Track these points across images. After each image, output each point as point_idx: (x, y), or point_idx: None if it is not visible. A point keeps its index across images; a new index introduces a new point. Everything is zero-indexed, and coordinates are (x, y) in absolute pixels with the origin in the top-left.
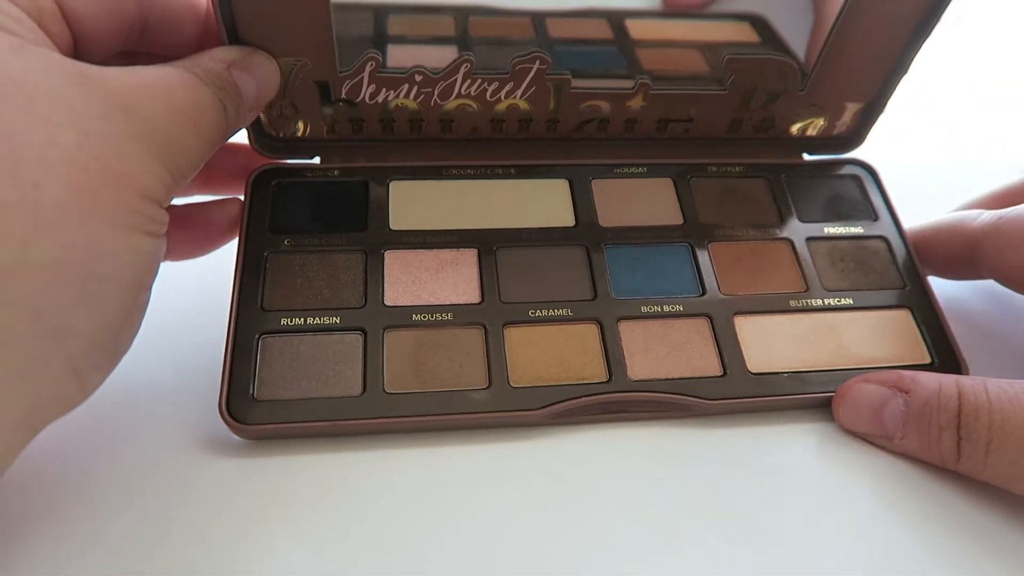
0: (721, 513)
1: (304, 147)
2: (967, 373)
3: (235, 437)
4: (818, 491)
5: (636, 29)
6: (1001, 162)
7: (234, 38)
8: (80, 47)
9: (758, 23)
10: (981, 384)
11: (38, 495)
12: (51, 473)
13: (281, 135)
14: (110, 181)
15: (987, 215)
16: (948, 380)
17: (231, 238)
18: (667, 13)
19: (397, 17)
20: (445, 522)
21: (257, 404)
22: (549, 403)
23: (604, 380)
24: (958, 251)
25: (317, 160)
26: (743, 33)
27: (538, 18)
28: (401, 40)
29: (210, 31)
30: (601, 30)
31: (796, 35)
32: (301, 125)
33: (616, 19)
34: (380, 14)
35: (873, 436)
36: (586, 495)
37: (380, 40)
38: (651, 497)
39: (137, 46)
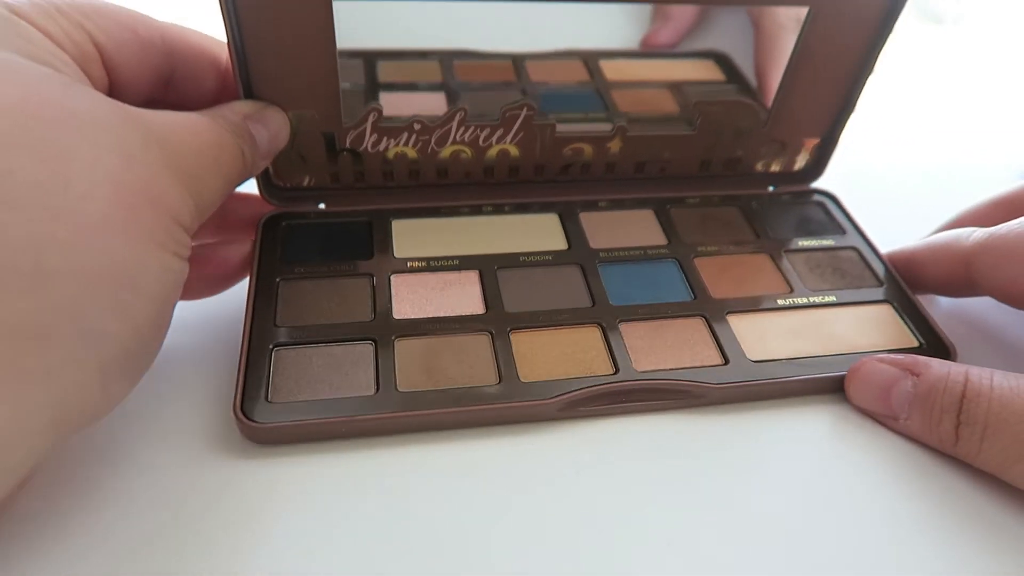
0: (730, 497)
1: (309, 195)
2: (955, 355)
3: (248, 442)
4: (825, 474)
5: (610, 70)
6: (998, 164)
7: (249, 93)
8: (114, 92)
9: (722, 60)
10: (988, 373)
11: (46, 495)
12: (61, 477)
13: (288, 185)
14: (147, 201)
15: (978, 233)
16: (959, 367)
17: (243, 277)
18: (637, 53)
19: (386, 64)
20: (460, 518)
21: (271, 406)
22: (560, 394)
23: (611, 373)
24: (953, 271)
25: (322, 206)
26: (708, 71)
27: (518, 61)
28: (391, 87)
29: (228, 86)
30: (578, 72)
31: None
32: (307, 178)
33: (591, 60)
34: (370, 61)
35: (879, 414)
36: (599, 487)
37: (372, 87)
38: (664, 484)
39: (162, 95)
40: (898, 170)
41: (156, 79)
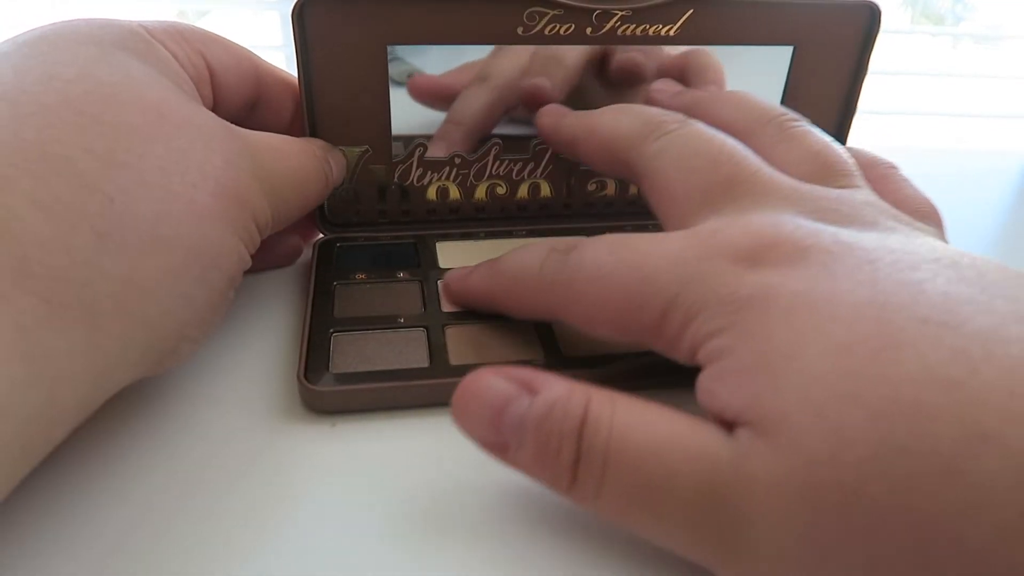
0: None
1: (359, 230)
2: None
3: (308, 414)
4: None
5: None
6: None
7: (314, 128)
8: (214, 108)
9: None
10: (609, 398)
11: (102, 453)
12: (121, 437)
13: (340, 222)
14: (236, 199)
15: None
16: (581, 387)
17: (293, 258)
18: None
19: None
20: (508, 486)
21: (331, 375)
22: (602, 365)
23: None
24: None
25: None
26: None
27: None
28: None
29: (300, 118)
30: None
31: None
32: (358, 215)
33: None
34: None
35: (490, 446)
36: None
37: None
38: None
39: (246, 117)
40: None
41: (246, 103)
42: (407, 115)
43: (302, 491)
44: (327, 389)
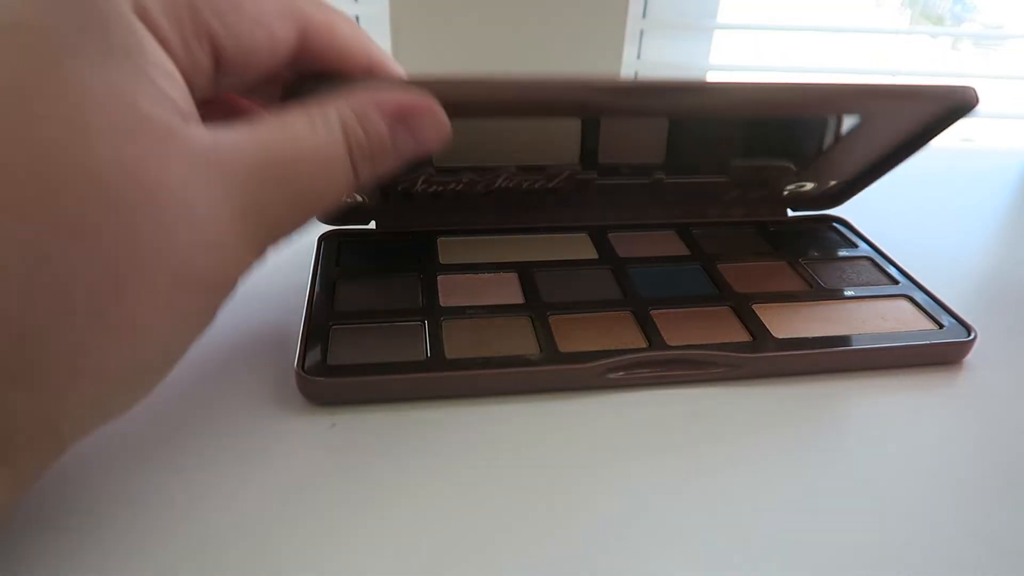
0: (759, 465)
1: (361, 215)
2: (975, 336)
3: (307, 404)
4: (852, 452)
5: None
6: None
7: None
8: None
9: None
10: None
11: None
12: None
13: (342, 214)
14: (205, 283)
15: None
16: None
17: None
18: None
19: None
20: (501, 481)
21: (329, 367)
22: (597, 361)
23: (644, 347)
24: None
25: (372, 225)
26: None
27: None
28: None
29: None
30: None
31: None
32: (358, 209)
33: None
34: None
35: None
36: (633, 454)
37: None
38: (691, 452)
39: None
40: (905, 186)
41: (268, 78)
42: None
43: (300, 481)
44: (325, 380)
